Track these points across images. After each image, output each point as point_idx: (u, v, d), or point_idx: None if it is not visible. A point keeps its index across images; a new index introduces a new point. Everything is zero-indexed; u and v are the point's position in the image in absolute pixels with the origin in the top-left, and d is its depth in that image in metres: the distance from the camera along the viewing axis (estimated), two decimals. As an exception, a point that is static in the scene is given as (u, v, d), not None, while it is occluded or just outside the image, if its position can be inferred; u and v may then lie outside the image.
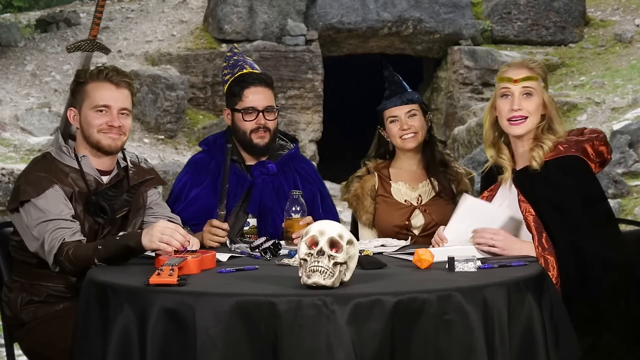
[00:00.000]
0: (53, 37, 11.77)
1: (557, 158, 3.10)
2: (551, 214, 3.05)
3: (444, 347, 2.43)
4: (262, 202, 3.66)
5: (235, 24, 11.61)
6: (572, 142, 3.13)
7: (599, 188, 3.12)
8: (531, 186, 3.11)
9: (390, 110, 3.76)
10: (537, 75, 3.20)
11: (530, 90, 3.19)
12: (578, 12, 12.64)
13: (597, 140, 3.15)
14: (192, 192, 3.69)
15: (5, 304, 3.24)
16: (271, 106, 3.70)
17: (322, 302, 2.38)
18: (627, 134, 8.76)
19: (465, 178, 3.83)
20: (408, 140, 3.75)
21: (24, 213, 3.08)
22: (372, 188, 3.80)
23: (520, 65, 3.23)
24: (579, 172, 3.07)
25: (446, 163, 3.84)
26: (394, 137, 3.77)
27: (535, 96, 3.19)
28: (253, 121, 3.66)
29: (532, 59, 3.34)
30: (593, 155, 3.12)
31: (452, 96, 12.03)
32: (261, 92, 3.69)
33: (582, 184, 3.06)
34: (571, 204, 3.03)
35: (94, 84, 3.21)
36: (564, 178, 3.06)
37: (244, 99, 3.67)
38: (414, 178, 3.82)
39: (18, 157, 8.66)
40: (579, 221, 3.01)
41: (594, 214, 3.03)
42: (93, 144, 3.21)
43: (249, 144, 3.69)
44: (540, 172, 3.10)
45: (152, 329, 2.47)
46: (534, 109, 3.18)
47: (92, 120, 3.19)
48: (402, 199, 3.78)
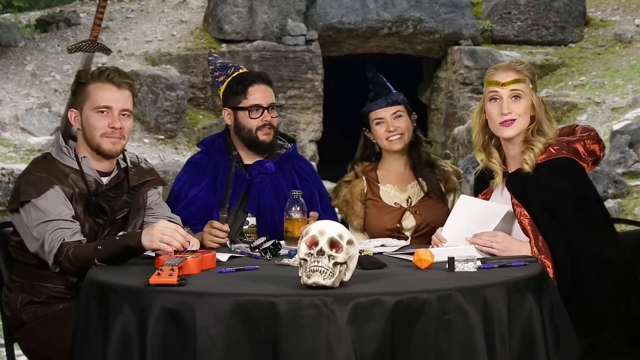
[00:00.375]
0: (53, 37, 11.77)
1: (548, 160, 3.09)
2: (545, 217, 3.04)
3: (444, 347, 2.44)
4: (261, 201, 3.67)
5: (235, 24, 11.62)
6: (564, 143, 3.12)
7: (592, 189, 3.11)
8: (524, 189, 3.10)
9: (375, 112, 3.75)
10: (524, 77, 3.20)
11: (519, 92, 3.18)
12: (578, 12, 12.64)
13: (589, 138, 3.14)
14: (191, 191, 3.70)
15: (5, 304, 3.24)
16: (274, 103, 3.72)
17: (322, 302, 2.38)
18: (627, 134, 8.75)
19: (453, 176, 3.83)
20: (395, 141, 3.74)
21: (24, 213, 3.08)
22: (361, 192, 3.79)
23: (507, 67, 3.22)
24: (571, 175, 3.06)
25: (432, 162, 3.84)
26: (380, 139, 3.77)
27: (523, 98, 3.19)
28: (259, 118, 3.68)
29: (519, 60, 3.31)
30: (585, 155, 3.11)
31: (452, 96, 12.03)
32: (264, 89, 3.72)
33: (574, 186, 3.05)
34: (564, 206, 3.02)
35: (95, 85, 3.21)
36: (556, 181, 3.05)
37: (249, 96, 3.69)
38: (401, 179, 3.81)
39: (18, 157, 8.66)
40: (573, 222, 3.00)
41: (589, 214, 3.03)
42: (94, 146, 3.21)
43: (254, 141, 3.70)
44: (532, 175, 3.09)
45: (152, 329, 2.47)
46: (523, 111, 3.18)
47: (93, 122, 3.19)
48: (391, 201, 3.77)
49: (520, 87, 3.18)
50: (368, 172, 3.84)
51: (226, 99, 3.77)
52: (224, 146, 3.77)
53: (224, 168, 3.72)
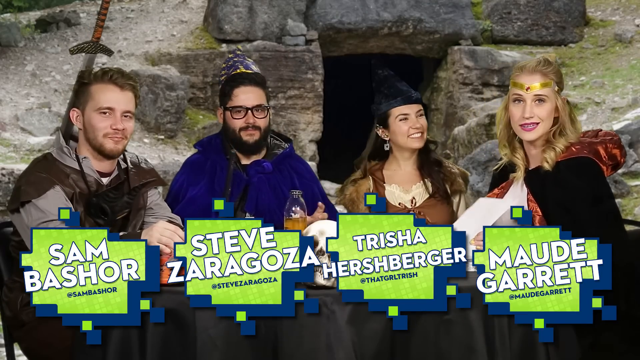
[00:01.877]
0: (53, 37, 11.77)
1: (569, 159, 3.10)
2: (558, 213, 3.05)
3: (444, 347, 2.44)
4: (259, 201, 3.68)
5: (235, 24, 11.62)
6: (585, 143, 3.13)
7: (607, 190, 3.12)
8: (542, 186, 3.11)
9: (399, 109, 3.73)
10: (550, 81, 3.18)
11: (543, 97, 3.17)
12: (578, 12, 12.64)
13: (611, 143, 3.15)
14: (189, 192, 3.71)
15: (5, 304, 3.24)
16: (260, 105, 3.73)
17: (322, 302, 2.39)
18: (627, 134, 8.75)
19: (459, 178, 3.83)
20: (416, 139, 3.74)
21: (25, 213, 3.08)
22: (367, 191, 3.79)
23: (533, 70, 3.18)
24: (589, 174, 3.08)
25: (440, 163, 3.84)
26: (401, 135, 3.74)
27: (547, 102, 3.18)
28: (242, 119, 3.71)
29: (547, 60, 3.25)
30: (605, 158, 3.12)
31: (452, 96, 12.03)
32: (250, 91, 3.74)
33: (590, 185, 3.06)
34: (579, 203, 3.03)
35: (98, 86, 3.21)
36: (573, 179, 3.06)
37: (234, 97, 3.73)
38: (407, 180, 3.81)
39: (18, 157, 8.66)
40: (585, 220, 3.01)
41: (601, 213, 3.04)
42: (96, 147, 3.21)
43: (238, 141, 3.74)
44: (551, 172, 3.10)
45: (152, 329, 2.47)
46: (546, 116, 3.16)
47: (96, 123, 3.19)
48: (395, 202, 3.77)
49: (545, 91, 3.17)
50: (374, 171, 3.84)
51: (219, 98, 3.84)
52: (220, 146, 3.80)
53: (221, 168, 3.74)
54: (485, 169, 8.67)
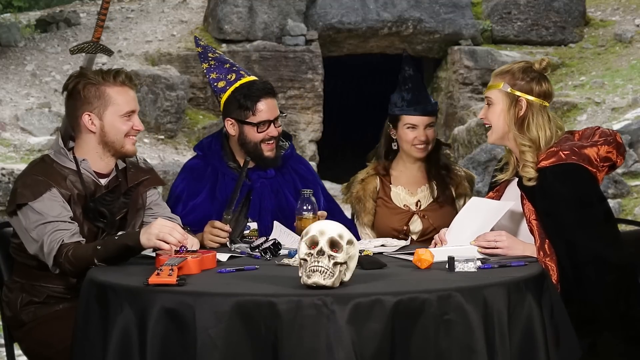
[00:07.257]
0: (53, 37, 11.77)
1: (556, 165, 3.05)
2: (547, 220, 3.04)
3: (444, 347, 2.44)
4: (262, 206, 3.66)
5: (235, 24, 11.62)
6: (575, 148, 3.06)
7: (598, 193, 3.07)
8: (531, 192, 3.10)
9: (410, 118, 3.71)
10: (498, 83, 3.20)
11: (489, 99, 3.22)
12: (578, 12, 12.64)
13: (605, 144, 3.08)
14: (190, 201, 3.68)
15: (5, 304, 3.24)
16: (279, 115, 3.70)
17: (322, 302, 2.39)
18: (627, 134, 8.76)
19: (465, 181, 3.83)
20: (419, 150, 3.74)
21: (22, 216, 3.08)
22: (373, 190, 3.80)
23: (494, 74, 3.27)
24: (577, 181, 3.03)
25: (449, 167, 3.84)
26: (406, 143, 3.74)
27: (495, 105, 3.20)
28: (264, 132, 3.64)
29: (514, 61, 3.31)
30: (597, 161, 3.05)
31: (452, 96, 12.03)
32: (271, 102, 3.67)
33: (576, 190, 3.02)
34: (563, 210, 3.01)
35: (117, 89, 3.18)
36: (559, 187, 3.02)
37: (257, 113, 3.63)
38: (413, 182, 3.81)
39: (18, 157, 8.66)
40: (569, 224, 2.99)
41: (590, 215, 3.01)
42: (117, 147, 3.20)
43: (259, 156, 3.66)
44: (538, 178, 3.08)
45: (152, 329, 2.47)
46: (495, 119, 3.19)
47: (120, 126, 3.18)
48: (400, 203, 3.78)
49: (491, 93, 3.22)
50: (381, 171, 3.84)
51: (230, 109, 3.68)
52: (220, 152, 3.74)
53: (223, 174, 3.70)
54: (485, 169, 8.67)
